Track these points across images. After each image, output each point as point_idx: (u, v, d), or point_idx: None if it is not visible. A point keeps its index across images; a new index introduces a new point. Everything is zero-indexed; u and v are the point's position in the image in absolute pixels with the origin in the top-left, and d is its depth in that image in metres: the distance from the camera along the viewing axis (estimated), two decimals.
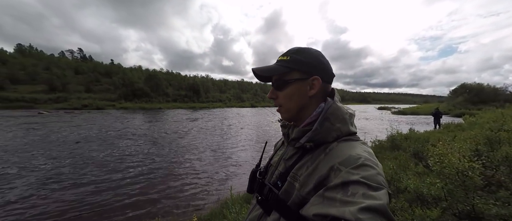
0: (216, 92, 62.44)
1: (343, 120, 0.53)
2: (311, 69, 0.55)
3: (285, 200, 0.51)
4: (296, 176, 0.52)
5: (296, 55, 0.56)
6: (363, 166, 0.42)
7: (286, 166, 0.57)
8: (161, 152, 6.92)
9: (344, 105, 0.58)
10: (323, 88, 0.56)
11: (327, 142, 0.52)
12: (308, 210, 0.43)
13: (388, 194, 0.39)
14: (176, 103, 43.82)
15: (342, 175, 0.42)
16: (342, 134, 0.52)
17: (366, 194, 0.37)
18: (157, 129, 11.58)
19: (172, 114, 21.64)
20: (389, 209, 0.37)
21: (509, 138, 3.79)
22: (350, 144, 0.50)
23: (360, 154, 0.45)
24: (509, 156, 2.64)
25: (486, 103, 27.26)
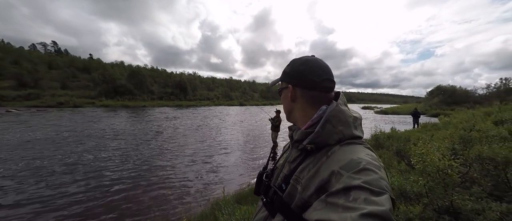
0: (204, 90, 61.25)
1: (346, 123, 0.53)
2: (288, 78, 0.63)
3: (288, 202, 0.52)
4: (298, 178, 0.53)
5: (287, 67, 0.65)
6: (365, 171, 0.41)
7: (290, 169, 0.58)
8: (146, 153, 6.64)
9: (350, 109, 0.59)
10: (304, 95, 0.60)
11: (329, 145, 0.52)
12: (311, 215, 0.43)
13: (391, 199, 0.39)
14: (162, 101, 42.37)
15: (343, 180, 0.42)
16: (344, 137, 0.52)
17: (368, 200, 0.36)
18: (141, 128, 11.09)
19: (158, 113, 20.88)
20: (392, 214, 0.36)
21: (480, 138, 4.12)
22: (353, 147, 0.50)
23: (362, 158, 0.45)
24: (481, 155, 2.85)
25: (458, 104, 29.56)
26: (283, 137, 9.73)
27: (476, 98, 31.09)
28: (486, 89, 31.37)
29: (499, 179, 2.66)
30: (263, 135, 10.35)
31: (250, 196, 3.34)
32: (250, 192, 3.58)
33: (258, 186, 0.69)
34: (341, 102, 0.57)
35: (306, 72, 0.60)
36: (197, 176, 4.98)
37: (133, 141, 8.08)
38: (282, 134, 8.96)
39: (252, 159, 6.40)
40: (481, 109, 11.47)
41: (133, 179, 4.66)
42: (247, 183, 4.41)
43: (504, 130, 4.25)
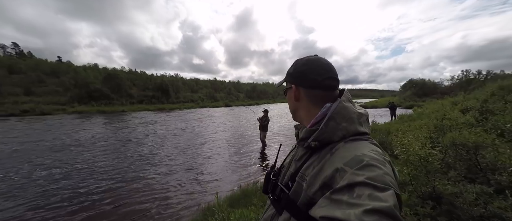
0: (187, 92, 59.37)
1: (349, 120, 0.53)
2: (292, 79, 0.65)
3: (295, 200, 0.53)
4: (303, 176, 0.53)
5: (291, 68, 0.67)
6: (369, 166, 0.41)
7: (296, 167, 0.59)
8: (125, 162, 6.22)
9: (355, 105, 0.59)
10: (307, 94, 0.61)
11: (333, 142, 0.52)
12: (316, 211, 0.43)
13: (397, 195, 0.39)
14: (142, 104, 40.31)
15: (347, 176, 0.42)
16: (348, 134, 0.52)
17: (372, 196, 0.36)
18: (119, 135, 10.39)
19: (138, 117, 19.81)
20: (398, 210, 0.36)
21: (451, 126, 4.49)
22: (357, 143, 0.50)
23: (366, 153, 0.45)
24: (454, 141, 3.09)
25: (428, 95, 32.18)
26: (271, 137, 9.76)
27: (443, 89, 34.09)
28: (451, 81, 34.51)
29: (471, 163, 2.91)
30: (250, 136, 10.30)
31: (243, 199, 3.28)
32: (243, 194, 3.52)
33: (266, 184, 0.70)
34: (345, 99, 0.57)
35: (308, 72, 0.61)
36: (184, 182, 4.78)
37: (110, 150, 7.51)
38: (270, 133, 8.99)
39: (241, 161, 6.32)
40: (449, 99, 12.57)
41: (112, 191, 4.29)
42: (238, 186, 4.34)
43: (471, 118, 4.69)
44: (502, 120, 3.36)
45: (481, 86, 14.27)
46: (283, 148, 7.60)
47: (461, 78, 31.88)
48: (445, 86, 35.43)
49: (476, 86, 18.53)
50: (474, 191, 2.23)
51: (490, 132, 3.34)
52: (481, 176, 2.70)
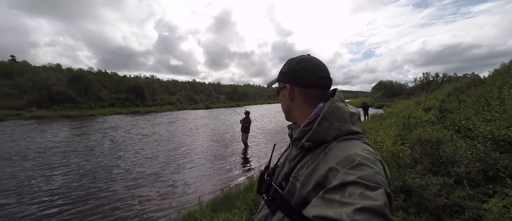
0: (164, 94, 56.62)
1: (342, 119, 0.54)
2: (285, 78, 0.64)
3: (288, 200, 0.53)
4: (297, 176, 0.53)
5: (283, 67, 0.66)
6: (360, 166, 0.42)
7: (290, 167, 0.59)
8: (94, 171, 5.67)
9: (347, 105, 0.59)
10: (302, 93, 0.61)
11: (326, 142, 0.52)
12: (309, 211, 0.43)
13: (387, 193, 0.39)
14: (114, 108, 37.42)
15: (339, 176, 0.42)
16: (341, 133, 0.52)
17: (363, 194, 0.37)
18: (86, 141, 9.44)
19: (109, 121, 18.30)
20: (388, 209, 0.36)
21: (416, 123, 4.93)
22: (349, 143, 0.50)
23: (358, 153, 0.45)
24: (420, 138, 3.38)
25: (396, 96, 35.27)
26: (253, 139, 9.74)
27: (408, 90, 37.63)
28: (414, 83, 38.22)
29: (434, 157, 3.21)
30: (231, 138, 10.16)
31: (226, 202, 3.19)
32: (225, 198, 3.43)
33: (260, 185, 0.69)
34: (337, 99, 0.58)
35: (303, 71, 0.61)
36: (163, 189, 4.52)
37: (76, 158, 6.77)
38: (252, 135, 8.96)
39: (223, 163, 6.19)
40: (413, 99, 13.89)
41: (82, 204, 3.90)
42: (220, 189, 4.22)
43: (432, 116, 5.21)
44: (458, 117, 3.79)
45: (439, 87, 16.02)
46: (266, 148, 7.64)
47: (422, 80, 35.51)
48: (409, 87, 39.19)
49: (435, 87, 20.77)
50: (438, 183, 2.46)
51: (449, 129, 3.74)
52: (443, 168, 2.98)
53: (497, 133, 2.40)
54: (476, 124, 2.97)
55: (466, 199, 2.15)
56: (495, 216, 1.65)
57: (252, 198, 3.11)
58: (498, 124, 2.55)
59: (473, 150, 2.67)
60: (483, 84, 6.65)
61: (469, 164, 2.57)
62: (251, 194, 3.23)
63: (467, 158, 2.66)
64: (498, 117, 2.76)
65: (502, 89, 4.04)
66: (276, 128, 13.42)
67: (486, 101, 3.98)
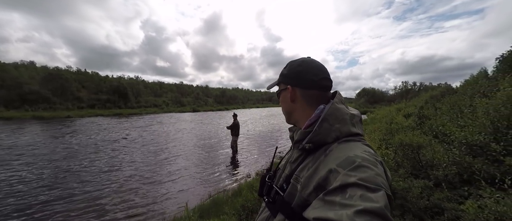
0: (149, 96, 54.70)
1: (342, 121, 0.54)
2: (286, 80, 0.64)
3: (289, 202, 0.53)
4: (298, 178, 0.53)
5: (284, 69, 0.67)
6: (361, 167, 0.42)
7: (291, 169, 0.59)
8: (70, 178, 5.28)
9: (347, 107, 0.59)
10: (304, 95, 0.61)
11: (327, 143, 0.52)
12: (309, 213, 0.43)
13: (388, 195, 0.39)
14: (94, 109, 35.41)
15: (340, 177, 0.42)
16: (341, 135, 0.52)
17: (363, 196, 0.37)
18: (60, 145, 8.76)
19: (88, 124, 17.21)
20: (389, 211, 0.36)
21: (398, 129, 5.18)
22: (350, 144, 0.50)
23: (358, 154, 0.45)
24: (402, 142, 3.55)
25: (378, 102, 37.14)
26: (240, 144, 9.64)
27: (389, 97, 39.85)
28: (394, 90, 40.52)
29: (415, 161, 3.37)
30: (219, 141, 10.00)
31: (213, 208, 3.10)
32: (213, 203, 3.33)
33: (262, 187, 0.69)
34: (338, 101, 0.58)
35: (304, 72, 0.61)
36: (148, 195, 4.29)
37: (47, 164, 6.26)
38: (240, 139, 8.88)
39: (210, 168, 6.04)
40: (394, 106, 14.67)
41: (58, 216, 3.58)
42: (208, 195, 4.09)
43: (412, 122, 5.52)
44: (435, 123, 4.06)
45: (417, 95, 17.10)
46: (255, 152, 7.59)
47: (402, 88, 37.79)
48: (390, 94, 41.50)
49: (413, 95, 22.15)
50: (419, 186, 2.58)
51: (427, 134, 3.97)
52: (423, 172, 3.14)
53: (470, 138, 2.58)
54: (451, 130, 3.18)
55: (445, 200, 2.27)
56: (472, 216, 1.75)
57: (241, 203, 3.05)
58: (471, 130, 2.75)
59: (449, 154, 2.84)
60: (456, 93, 7.21)
61: (447, 167, 2.73)
62: (240, 199, 3.17)
63: (445, 162, 2.83)
64: (471, 124, 2.98)
65: (473, 97, 4.40)
66: (265, 131, 13.44)
67: (459, 109, 4.30)
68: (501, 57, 6.42)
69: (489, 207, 1.68)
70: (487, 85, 4.87)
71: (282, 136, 11.89)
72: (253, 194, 3.16)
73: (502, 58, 6.37)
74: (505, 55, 6.30)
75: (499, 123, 2.60)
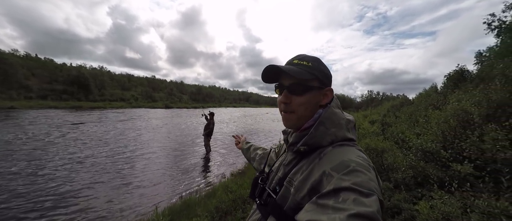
0: (116, 89, 50.12)
1: (338, 125, 0.54)
2: (327, 80, 0.58)
3: (281, 205, 0.52)
4: (291, 180, 0.53)
5: (317, 63, 0.57)
6: (355, 172, 0.42)
7: (284, 171, 0.59)
8: (12, 184, 4.50)
9: (343, 112, 0.60)
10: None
11: (322, 146, 0.52)
12: (302, 216, 0.42)
13: (380, 200, 0.40)
14: (46, 101, 31.04)
15: (333, 181, 0.42)
16: (336, 139, 0.53)
17: (357, 201, 0.37)
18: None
19: (36, 116, 14.94)
20: (380, 216, 0.37)
21: (365, 134, 5.62)
22: (344, 149, 0.51)
23: (352, 159, 0.46)
24: (369, 146, 3.84)
25: (346, 108, 40.10)
26: (214, 144, 9.42)
27: (357, 104, 43.37)
28: (361, 98, 44.30)
29: (379, 164, 3.68)
30: (191, 141, 9.60)
31: (185, 210, 2.93)
32: (185, 205, 3.15)
33: (254, 189, 0.68)
34: (334, 105, 0.58)
35: (330, 76, 0.60)
36: (112, 197, 3.84)
37: None
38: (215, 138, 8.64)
39: (181, 168, 5.72)
40: (361, 112, 15.97)
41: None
42: (178, 196, 3.86)
43: (377, 128, 6.05)
44: (396, 130, 4.51)
45: (380, 103, 18.90)
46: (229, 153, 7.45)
47: (368, 97, 41.48)
48: (357, 101, 45.24)
49: (377, 103, 24.45)
50: (382, 187, 2.81)
51: (389, 140, 4.38)
52: (385, 174, 3.45)
53: (425, 146, 2.91)
54: (409, 137, 3.55)
55: (402, 201, 2.51)
56: (425, 216, 1.96)
57: (215, 204, 2.95)
58: (425, 138, 3.10)
59: (407, 159, 3.17)
60: (412, 104, 8.15)
61: (404, 171, 3.03)
62: (214, 200, 3.06)
63: (403, 166, 3.14)
64: (425, 132, 3.37)
65: (427, 109, 5.01)
66: (241, 132, 13.36)
67: (415, 119, 4.85)
68: (448, 75, 7.46)
69: (438, 208, 1.89)
70: (437, 99, 5.61)
71: (259, 136, 11.96)
72: (228, 195, 3.08)
73: (449, 76, 7.41)
74: (451, 73, 7.34)
75: (447, 133, 2.98)
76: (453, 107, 3.26)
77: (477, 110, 2.95)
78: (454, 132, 2.92)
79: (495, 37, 7.25)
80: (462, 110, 3.08)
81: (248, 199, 3.02)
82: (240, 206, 2.88)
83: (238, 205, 2.91)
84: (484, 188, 2.00)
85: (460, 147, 2.62)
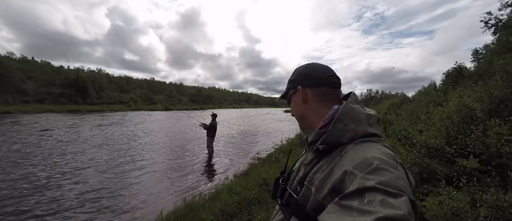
0: (115, 92, 49.89)
1: (357, 121, 0.52)
2: (295, 83, 0.65)
3: (303, 205, 0.52)
4: (312, 180, 0.52)
5: (296, 70, 0.68)
6: (379, 170, 0.39)
7: (305, 171, 0.58)
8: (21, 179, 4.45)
9: (364, 107, 0.58)
10: (315, 93, 0.61)
11: (342, 144, 0.50)
12: (324, 217, 0.41)
13: (411, 201, 0.36)
14: (43, 104, 30.82)
15: (357, 181, 0.40)
16: (357, 135, 0.50)
17: (384, 202, 0.34)
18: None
19: (32, 121, 14.81)
20: (413, 219, 0.34)
21: None
22: (366, 145, 0.48)
23: (375, 156, 0.42)
24: None
25: None
26: (216, 145, 9.37)
27: None
28: (360, 97, 44.56)
29: None
30: (193, 142, 9.57)
31: (190, 213, 2.91)
32: (188, 209, 3.12)
33: (275, 189, 0.69)
34: (352, 101, 0.56)
35: (311, 72, 0.63)
36: (115, 201, 3.82)
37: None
38: (217, 139, 8.61)
39: (184, 171, 5.70)
40: None
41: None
42: (182, 200, 3.83)
43: None
44: (398, 128, 4.51)
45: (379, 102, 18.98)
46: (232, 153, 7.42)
47: (367, 95, 41.73)
48: None
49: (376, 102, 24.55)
50: None
51: (392, 137, 4.39)
52: None
53: (429, 142, 2.92)
54: (412, 134, 3.56)
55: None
56: (434, 212, 1.96)
57: (220, 207, 2.92)
58: (429, 134, 3.11)
59: (411, 155, 3.18)
60: (412, 102, 8.19)
61: (409, 168, 3.03)
62: (218, 203, 3.04)
63: (407, 163, 3.14)
64: (428, 129, 3.38)
65: (428, 105, 5.03)
66: (243, 132, 13.34)
67: (416, 116, 4.87)
68: (447, 72, 7.53)
69: (447, 203, 1.89)
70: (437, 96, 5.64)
71: (259, 136, 11.95)
72: (232, 198, 3.06)
73: (448, 73, 7.48)
74: (450, 71, 7.41)
75: (450, 129, 2.99)
76: (455, 103, 3.28)
77: (479, 105, 2.96)
78: (457, 128, 2.93)
79: (492, 34, 7.34)
80: (464, 106, 3.10)
81: (253, 201, 3.00)
82: (245, 208, 2.86)
83: (243, 207, 2.89)
84: (491, 182, 2.01)
85: (465, 143, 2.63)
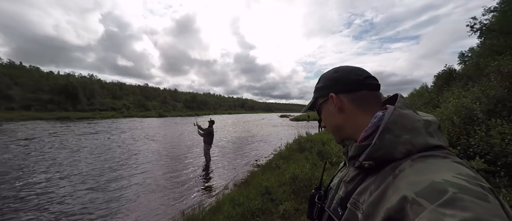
0: (107, 98, 48.74)
1: (412, 130, 0.40)
2: (325, 90, 0.56)
3: None
4: (357, 203, 0.43)
5: (317, 83, 0.60)
6: (459, 201, 0.28)
7: (346, 190, 0.49)
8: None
9: (417, 112, 0.45)
10: (352, 99, 0.51)
11: (394, 160, 0.39)
12: None
13: None
14: (30, 111, 29.71)
15: (426, 215, 0.28)
16: (415, 149, 0.39)
17: None
18: None
19: (17, 130, 14.17)
20: None
21: None
22: (431, 162, 0.36)
23: (449, 180, 0.31)
24: None
25: None
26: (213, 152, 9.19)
27: None
28: None
29: None
30: (189, 150, 9.34)
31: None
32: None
33: (311, 208, 0.62)
34: (401, 105, 0.44)
35: (344, 75, 0.53)
36: (106, 215, 3.60)
37: None
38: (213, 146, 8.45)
39: (181, 180, 5.45)
40: None
41: None
42: (180, 212, 3.62)
43: None
44: None
45: None
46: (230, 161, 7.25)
47: None
48: None
49: None
50: None
51: None
52: None
53: None
54: None
55: None
56: None
57: (222, 220, 2.78)
58: None
59: None
60: None
61: None
62: (221, 216, 2.88)
63: None
64: None
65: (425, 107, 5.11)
66: (239, 138, 13.18)
67: None
68: (437, 74, 7.77)
69: None
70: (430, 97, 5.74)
71: (256, 142, 11.82)
72: (235, 209, 2.92)
73: (438, 75, 7.72)
74: (440, 73, 7.64)
75: (451, 130, 3.00)
76: (454, 104, 3.30)
77: (479, 106, 2.99)
78: (458, 129, 2.94)
79: (478, 38, 7.66)
80: (463, 107, 3.12)
81: (256, 212, 2.86)
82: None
83: (247, 219, 2.75)
84: (500, 183, 1.98)
85: (468, 143, 2.62)
